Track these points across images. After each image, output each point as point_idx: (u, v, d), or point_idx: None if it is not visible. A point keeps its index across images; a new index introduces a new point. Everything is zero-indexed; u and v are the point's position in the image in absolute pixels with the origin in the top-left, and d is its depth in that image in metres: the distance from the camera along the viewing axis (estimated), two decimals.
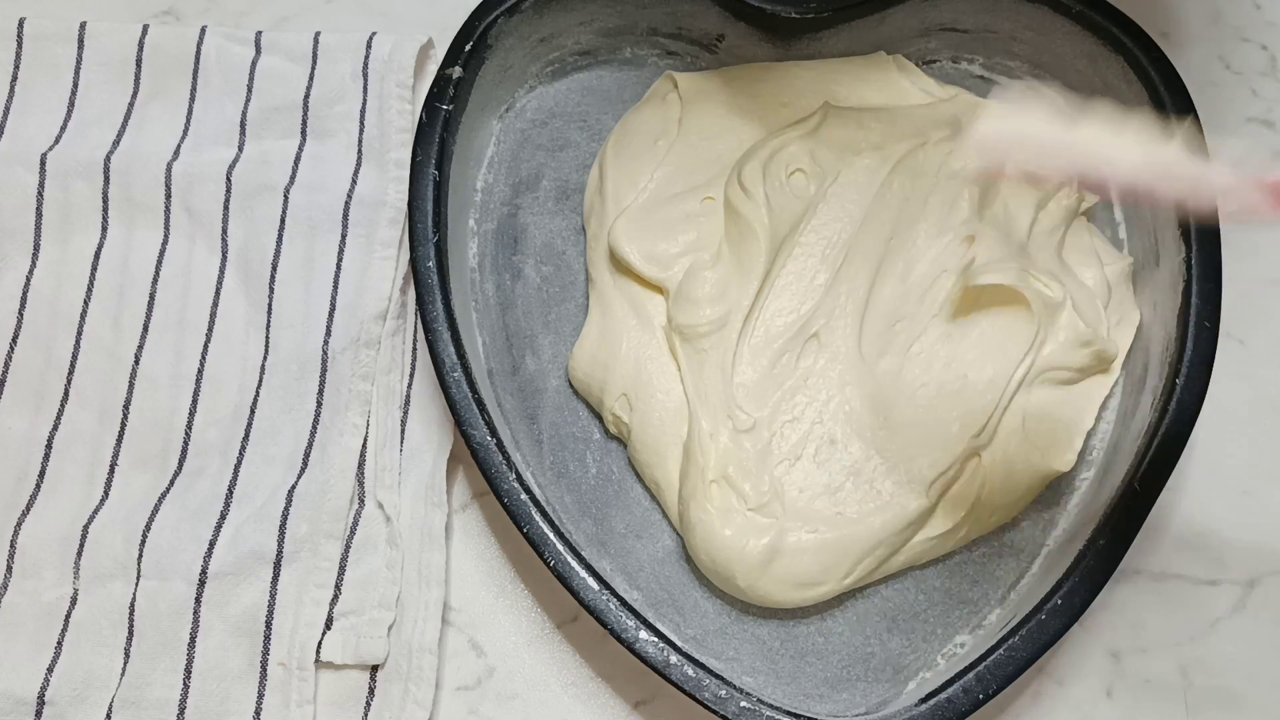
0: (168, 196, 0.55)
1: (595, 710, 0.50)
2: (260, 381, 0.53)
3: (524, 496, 0.47)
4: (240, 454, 0.52)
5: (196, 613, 0.49)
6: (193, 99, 0.58)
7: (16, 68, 0.58)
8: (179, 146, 0.57)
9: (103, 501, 0.51)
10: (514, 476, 0.47)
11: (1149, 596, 0.52)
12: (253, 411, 0.52)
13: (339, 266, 0.54)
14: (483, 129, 0.56)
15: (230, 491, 0.51)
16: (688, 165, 0.53)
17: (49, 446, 0.52)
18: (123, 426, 0.53)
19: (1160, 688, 0.51)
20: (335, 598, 0.49)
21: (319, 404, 0.52)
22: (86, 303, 0.54)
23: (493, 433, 0.48)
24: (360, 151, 0.57)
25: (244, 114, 0.57)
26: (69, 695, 0.48)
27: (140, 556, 0.50)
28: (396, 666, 0.49)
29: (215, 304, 0.54)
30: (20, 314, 0.54)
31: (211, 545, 0.50)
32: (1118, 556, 0.46)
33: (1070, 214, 0.53)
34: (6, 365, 0.53)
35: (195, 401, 0.53)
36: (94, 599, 0.50)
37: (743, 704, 0.45)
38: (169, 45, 0.58)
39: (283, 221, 0.55)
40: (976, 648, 0.47)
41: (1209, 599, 0.52)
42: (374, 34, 0.58)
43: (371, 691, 0.49)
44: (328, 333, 0.53)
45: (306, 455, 0.51)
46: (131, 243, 0.55)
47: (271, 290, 0.54)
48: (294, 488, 0.51)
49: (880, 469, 0.48)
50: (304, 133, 0.57)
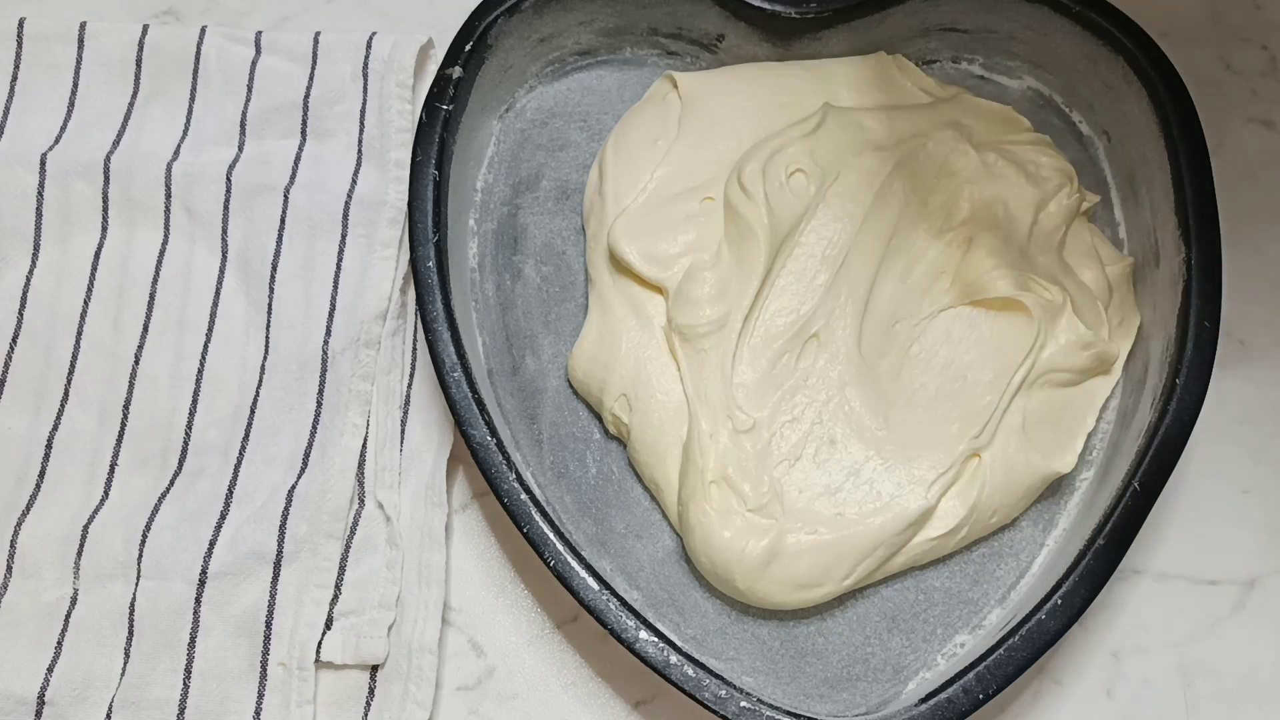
0: (168, 196, 0.55)
1: (595, 710, 0.50)
2: (260, 381, 0.53)
3: (524, 496, 0.47)
4: (240, 454, 0.52)
5: (196, 613, 0.49)
6: (193, 99, 0.58)
7: (16, 68, 0.58)
8: (179, 146, 0.57)
9: (103, 501, 0.51)
10: (514, 476, 0.47)
11: (1149, 596, 0.52)
12: (253, 411, 0.52)
13: (339, 266, 0.54)
14: (483, 129, 0.56)
15: (230, 491, 0.51)
16: (687, 165, 0.53)
17: (49, 446, 0.52)
18: (123, 426, 0.53)
19: (1160, 688, 0.51)
20: (335, 598, 0.50)
21: (319, 404, 0.52)
22: (86, 303, 0.54)
23: (493, 433, 0.48)
24: (360, 151, 0.57)
25: (244, 114, 0.57)
26: (69, 695, 0.48)
27: (140, 556, 0.50)
28: (396, 666, 0.49)
29: (215, 304, 0.54)
30: (20, 314, 0.54)
31: (211, 545, 0.50)
32: (1118, 556, 0.46)
33: (1071, 214, 0.53)
34: (6, 365, 0.53)
35: (195, 401, 0.53)
36: (94, 599, 0.50)
37: (743, 704, 0.45)
38: (169, 45, 0.58)
39: (283, 221, 0.55)
40: (976, 648, 0.47)
41: (1209, 599, 0.52)
42: (374, 34, 0.58)
43: (371, 691, 0.49)
44: (328, 333, 0.53)
45: (306, 455, 0.51)
46: (131, 243, 0.55)
47: (271, 290, 0.54)
48: (294, 488, 0.51)
49: (880, 470, 0.48)
50: (304, 133, 0.57)
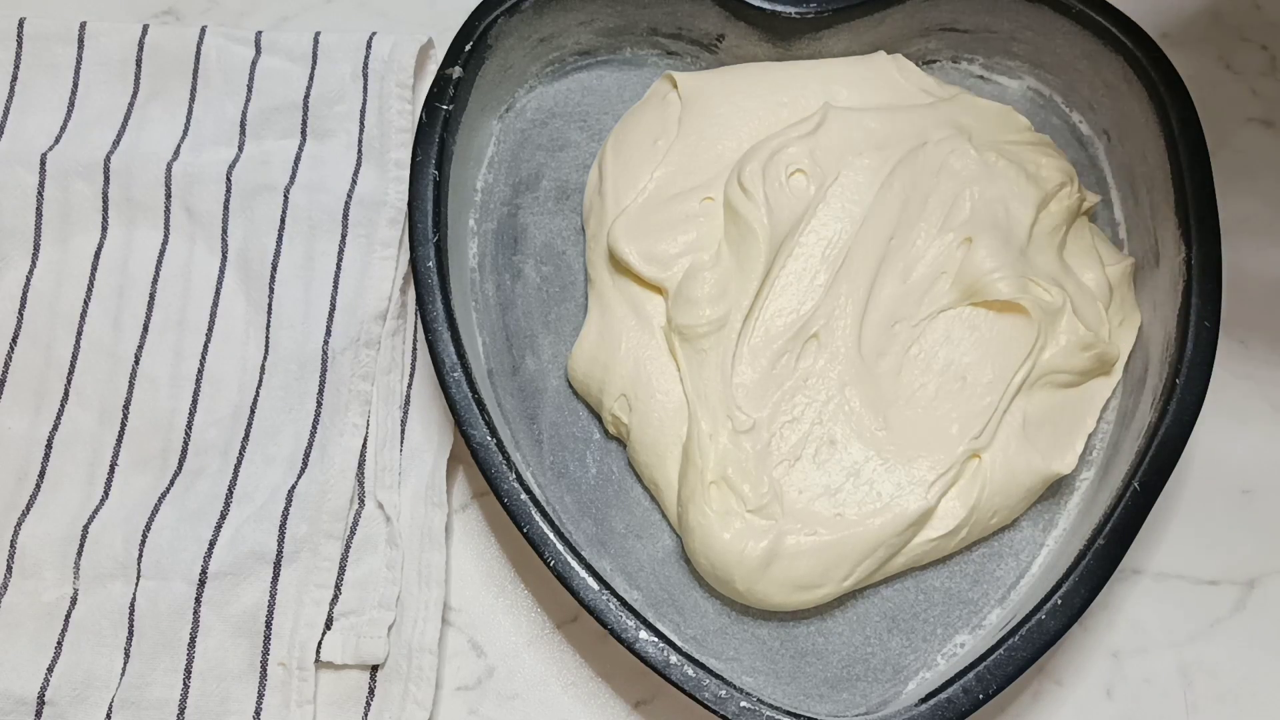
0: (168, 196, 0.55)
1: (595, 710, 0.50)
2: (260, 381, 0.53)
3: (524, 496, 0.47)
4: (240, 454, 0.52)
5: (196, 613, 0.49)
6: (193, 99, 0.58)
7: (16, 68, 0.58)
8: (179, 146, 0.57)
9: (103, 501, 0.51)
10: (514, 476, 0.47)
11: (1149, 596, 0.52)
12: (253, 411, 0.52)
13: (339, 266, 0.54)
14: (483, 129, 0.56)
15: (230, 491, 0.51)
16: (687, 165, 0.53)
17: (49, 446, 0.52)
18: (123, 426, 0.53)
19: (1160, 688, 0.51)
20: (335, 598, 0.50)
21: (319, 404, 0.52)
22: (86, 303, 0.54)
23: (493, 433, 0.48)
24: (360, 151, 0.57)
25: (244, 114, 0.57)
26: (69, 695, 0.48)
27: (140, 556, 0.50)
28: (396, 666, 0.49)
29: (215, 304, 0.54)
30: (20, 314, 0.54)
31: (211, 545, 0.50)
32: (1118, 556, 0.46)
33: (1071, 214, 0.53)
34: (6, 365, 0.53)
35: (195, 401, 0.53)
36: (94, 599, 0.50)
37: (743, 704, 0.45)
38: (169, 45, 0.58)
39: (283, 221, 0.55)
40: (976, 648, 0.47)
41: (1209, 599, 0.52)
42: (374, 34, 0.58)
43: (371, 691, 0.49)
44: (328, 333, 0.53)
45: (306, 455, 0.51)
46: (131, 243, 0.55)
47: (271, 290, 0.54)
48: (294, 488, 0.51)
49: (880, 470, 0.48)
50: (304, 133, 0.57)
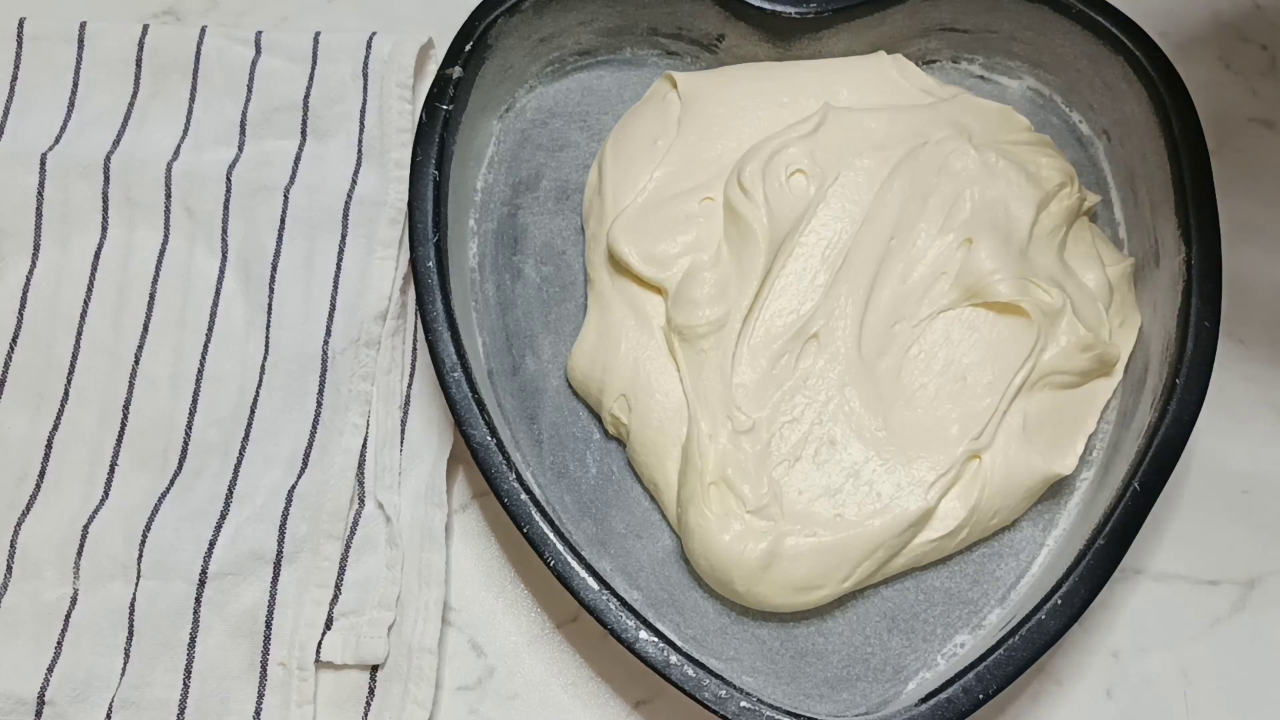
0: (168, 196, 0.55)
1: (595, 710, 0.50)
2: (260, 381, 0.53)
3: (524, 496, 0.47)
4: (240, 454, 0.52)
5: (196, 613, 0.49)
6: (193, 99, 0.58)
7: (17, 67, 0.58)
8: (179, 146, 0.57)
9: (103, 501, 0.51)
10: (514, 476, 0.47)
11: (1149, 596, 0.52)
12: (253, 411, 0.52)
13: (339, 267, 0.54)
14: (483, 129, 0.56)
15: (230, 491, 0.51)
16: (687, 165, 0.53)
17: (49, 446, 0.52)
18: (123, 426, 0.53)
19: (1160, 688, 0.51)
20: (335, 598, 0.50)
21: (319, 404, 0.52)
22: (86, 303, 0.54)
23: (493, 433, 0.48)
24: (360, 152, 0.57)
25: (244, 114, 0.57)
26: (69, 695, 0.48)
27: (140, 556, 0.50)
28: (396, 667, 0.49)
29: (215, 304, 0.54)
30: (20, 314, 0.54)
31: (211, 545, 0.50)
32: (1118, 556, 0.46)
33: (1072, 214, 0.53)
34: (6, 365, 0.53)
35: (195, 401, 0.53)
36: (94, 599, 0.50)
37: (743, 704, 0.45)
38: (169, 45, 0.58)
39: (283, 222, 0.55)
40: (976, 648, 0.47)
41: (1209, 599, 0.52)
42: (374, 34, 0.58)
43: (371, 692, 0.49)
44: (328, 333, 0.53)
45: (306, 455, 0.51)
46: (131, 243, 0.55)
47: (271, 290, 0.54)
48: (294, 488, 0.51)
49: (880, 471, 0.48)
50: (304, 133, 0.57)
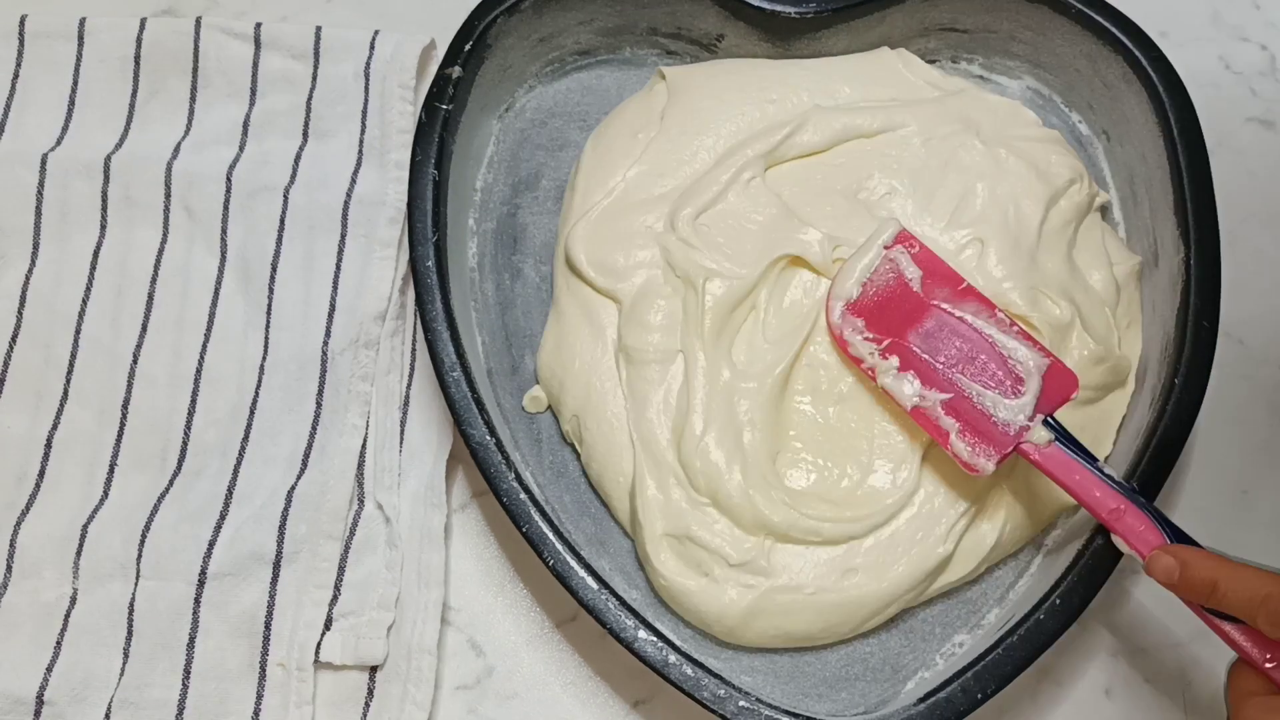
0: (167, 196, 0.55)
1: (594, 710, 0.50)
2: (259, 382, 0.53)
3: (523, 496, 0.47)
4: (240, 454, 0.52)
5: (196, 613, 0.49)
6: (194, 99, 0.58)
7: (18, 65, 0.58)
8: (179, 146, 0.57)
9: (102, 501, 0.51)
10: (513, 476, 0.47)
11: (1149, 597, 0.52)
12: (252, 412, 0.52)
13: (338, 267, 0.54)
14: (482, 129, 0.56)
15: (230, 492, 0.51)
16: (663, 163, 0.53)
17: (48, 446, 0.52)
18: (122, 426, 0.53)
19: (1160, 688, 0.51)
20: (335, 598, 0.49)
21: (318, 404, 0.52)
22: (85, 302, 0.54)
23: (492, 432, 0.48)
24: (361, 152, 0.56)
25: (247, 114, 0.57)
26: (68, 695, 0.48)
27: (140, 557, 0.50)
28: (396, 667, 0.49)
29: (214, 304, 0.54)
30: (20, 313, 0.54)
31: (211, 545, 0.50)
32: (1117, 556, 0.46)
33: (1081, 211, 0.52)
34: (6, 365, 0.53)
35: (194, 401, 0.53)
36: (93, 599, 0.50)
37: (741, 703, 0.44)
38: (168, 42, 0.58)
39: (282, 222, 0.55)
40: (975, 647, 0.47)
41: None
42: (377, 33, 0.58)
43: (370, 692, 0.49)
44: (327, 333, 0.53)
45: (306, 456, 0.51)
46: (130, 242, 0.55)
47: (271, 290, 0.54)
48: (293, 488, 0.50)
49: (896, 517, 0.48)
50: (305, 133, 0.57)
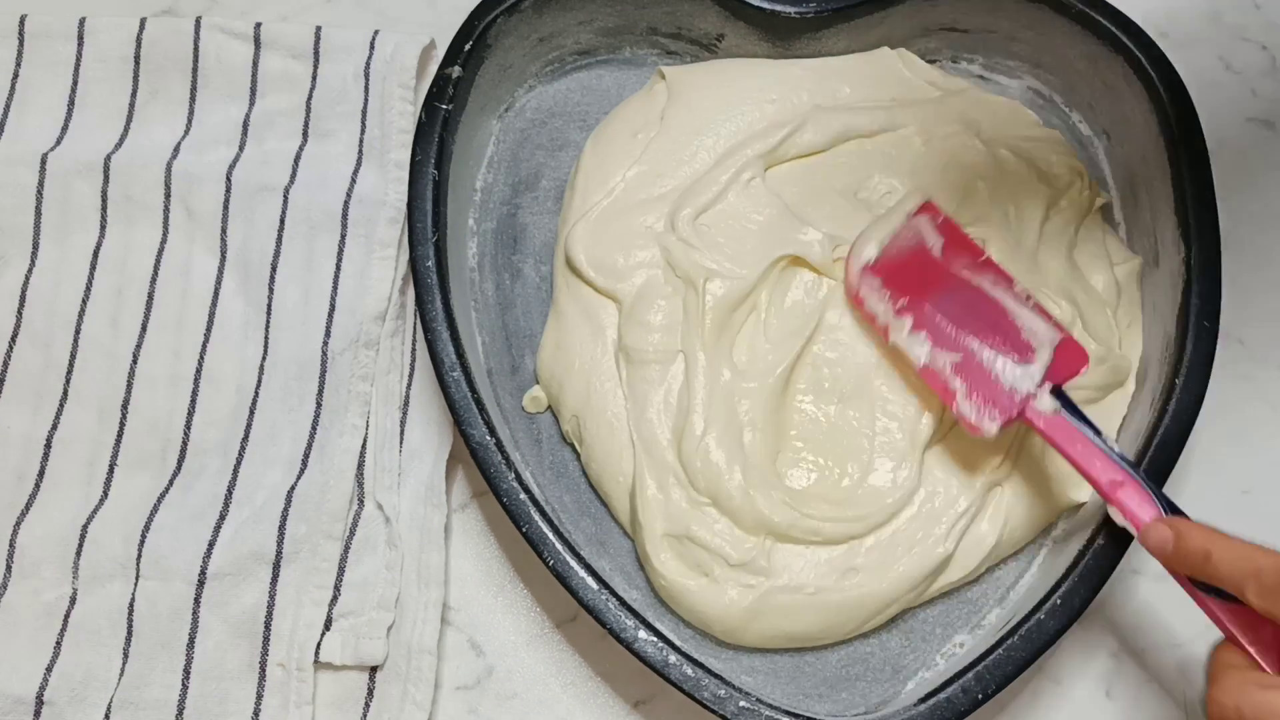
0: (167, 196, 0.55)
1: (594, 710, 0.50)
2: (259, 382, 0.53)
3: (523, 496, 0.47)
4: (239, 454, 0.52)
5: (195, 613, 0.49)
6: (193, 99, 0.58)
7: (18, 65, 0.58)
8: (179, 145, 0.57)
9: (102, 501, 0.51)
10: (513, 476, 0.47)
11: (1149, 596, 0.52)
12: (252, 412, 0.52)
13: (338, 267, 0.54)
14: (482, 129, 0.56)
15: (229, 492, 0.51)
16: (662, 163, 0.53)
17: (48, 446, 0.52)
18: (121, 426, 0.53)
19: (1160, 688, 0.51)
20: (334, 598, 0.49)
21: (318, 405, 0.52)
22: (85, 302, 0.54)
23: (492, 432, 0.48)
24: (361, 152, 0.56)
25: (246, 114, 0.57)
26: (67, 695, 0.48)
27: (139, 557, 0.50)
28: (395, 667, 0.49)
29: (214, 304, 0.54)
30: (19, 313, 0.54)
31: (211, 546, 0.50)
32: (1118, 556, 0.46)
33: (1082, 212, 0.52)
34: (6, 365, 0.53)
35: (194, 402, 0.53)
36: (93, 599, 0.50)
37: (741, 703, 0.44)
38: (167, 41, 0.58)
39: (282, 222, 0.55)
40: (975, 647, 0.47)
41: None
42: (377, 32, 0.58)
43: (370, 692, 0.49)
44: (327, 333, 0.53)
45: (306, 456, 0.51)
46: (130, 242, 0.55)
47: (271, 291, 0.54)
48: (293, 488, 0.50)
49: (895, 515, 0.48)
50: (305, 133, 0.57)
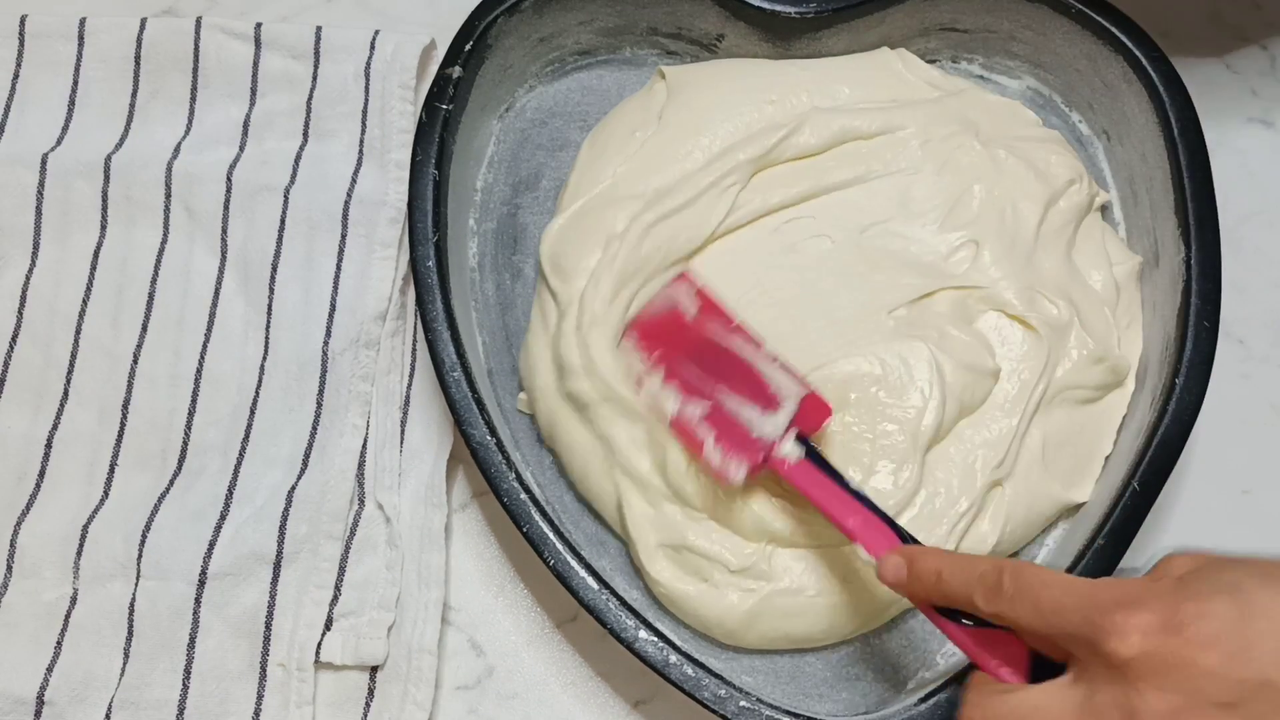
0: (167, 196, 0.55)
1: (595, 710, 0.50)
2: (260, 382, 0.53)
3: (523, 496, 0.47)
4: (240, 454, 0.52)
5: (196, 613, 0.49)
6: (193, 99, 0.58)
7: (19, 65, 0.58)
8: (180, 145, 0.57)
9: (102, 501, 0.51)
10: (513, 476, 0.47)
11: None
12: (252, 412, 0.52)
13: (339, 267, 0.54)
14: (483, 129, 0.56)
15: (230, 492, 0.51)
16: (655, 161, 0.52)
17: (49, 446, 0.52)
18: (122, 426, 0.53)
19: None
20: (335, 598, 0.49)
21: (319, 405, 0.52)
22: (85, 302, 0.54)
23: (492, 432, 0.48)
24: (361, 151, 0.56)
25: (247, 114, 0.57)
26: (68, 695, 0.48)
27: (140, 556, 0.50)
28: (396, 667, 0.49)
29: (214, 304, 0.54)
30: (20, 313, 0.54)
31: (211, 546, 0.50)
32: (1118, 556, 0.46)
33: (1081, 212, 0.52)
34: (6, 365, 0.53)
35: (194, 401, 0.53)
36: (94, 599, 0.50)
37: (742, 703, 0.45)
38: (168, 42, 0.58)
39: (283, 222, 0.55)
40: None
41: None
42: (377, 32, 0.58)
43: (371, 692, 0.49)
44: (327, 333, 0.53)
45: (306, 456, 0.51)
46: (130, 242, 0.55)
47: (271, 290, 0.54)
48: (294, 488, 0.50)
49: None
50: (305, 133, 0.57)
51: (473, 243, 0.55)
